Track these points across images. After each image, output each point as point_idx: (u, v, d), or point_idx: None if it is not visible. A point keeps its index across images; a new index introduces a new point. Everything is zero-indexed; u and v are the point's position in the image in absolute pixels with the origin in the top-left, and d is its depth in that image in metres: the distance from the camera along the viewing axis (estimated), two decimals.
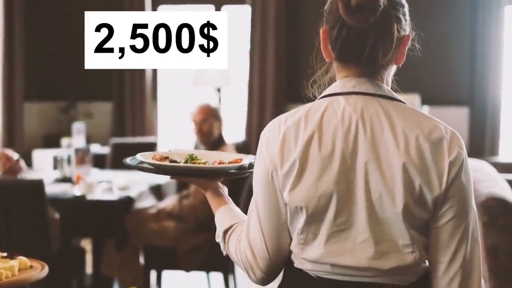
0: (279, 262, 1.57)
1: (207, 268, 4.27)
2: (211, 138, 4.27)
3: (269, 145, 1.52)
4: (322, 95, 1.56)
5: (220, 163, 1.75)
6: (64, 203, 4.02)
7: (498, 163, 6.05)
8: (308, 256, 1.51)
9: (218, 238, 1.67)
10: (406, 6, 1.54)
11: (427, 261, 1.54)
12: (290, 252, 1.56)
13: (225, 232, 1.65)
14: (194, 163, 1.74)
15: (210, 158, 1.78)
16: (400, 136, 1.45)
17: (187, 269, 4.22)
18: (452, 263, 1.49)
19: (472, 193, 1.49)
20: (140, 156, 1.74)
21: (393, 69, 1.58)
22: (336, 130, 1.47)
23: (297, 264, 1.54)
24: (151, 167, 1.72)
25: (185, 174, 1.74)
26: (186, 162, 1.75)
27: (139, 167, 1.73)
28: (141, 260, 4.26)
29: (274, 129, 1.52)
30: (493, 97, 6.77)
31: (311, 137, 1.47)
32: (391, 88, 1.58)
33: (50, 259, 3.55)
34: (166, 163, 1.73)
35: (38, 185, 3.55)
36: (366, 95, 1.50)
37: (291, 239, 1.55)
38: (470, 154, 6.92)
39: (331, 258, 1.48)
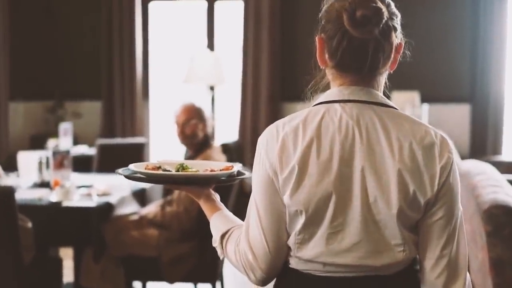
0: (280, 258, 1.62)
1: (193, 279, 4.03)
2: (195, 140, 4.04)
3: (268, 150, 1.58)
4: (318, 101, 1.62)
5: (211, 171, 1.82)
6: (38, 210, 3.83)
7: (501, 162, 5.88)
8: (303, 255, 1.58)
9: (215, 243, 1.72)
10: (399, 15, 1.62)
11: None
12: (288, 248, 1.61)
13: (222, 236, 1.70)
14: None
15: (200, 167, 1.86)
16: (395, 143, 1.54)
17: (171, 280, 3.98)
18: (440, 259, 1.58)
19: (459, 192, 1.59)
20: (133, 166, 1.81)
21: (385, 74, 1.65)
22: (333, 137, 1.54)
23: (292, 264, 1.61)
24: (143, 176, 1.78)
25: (178, 182, 1.80)
26: (177, 171, 1.81)
27: (132, 177, 1.79)
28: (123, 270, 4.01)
29: (272, 135, 1.59)
30: (496, 93, 6.57)
31: (310, 143, 1.54)
32: (387, 87, 1.66)
33: (21, 271, 3.36)
34: (159, 172, 1.78)
35: (8, 192, 3.37)
36: (361, 103, 1.58)
37: (289, 236, 1.61)
38: (472, 154, 6.74)
39: (325, 257, 1.56)
